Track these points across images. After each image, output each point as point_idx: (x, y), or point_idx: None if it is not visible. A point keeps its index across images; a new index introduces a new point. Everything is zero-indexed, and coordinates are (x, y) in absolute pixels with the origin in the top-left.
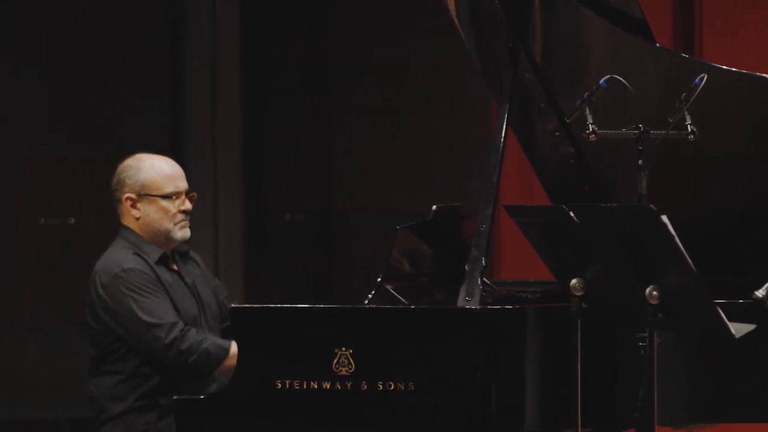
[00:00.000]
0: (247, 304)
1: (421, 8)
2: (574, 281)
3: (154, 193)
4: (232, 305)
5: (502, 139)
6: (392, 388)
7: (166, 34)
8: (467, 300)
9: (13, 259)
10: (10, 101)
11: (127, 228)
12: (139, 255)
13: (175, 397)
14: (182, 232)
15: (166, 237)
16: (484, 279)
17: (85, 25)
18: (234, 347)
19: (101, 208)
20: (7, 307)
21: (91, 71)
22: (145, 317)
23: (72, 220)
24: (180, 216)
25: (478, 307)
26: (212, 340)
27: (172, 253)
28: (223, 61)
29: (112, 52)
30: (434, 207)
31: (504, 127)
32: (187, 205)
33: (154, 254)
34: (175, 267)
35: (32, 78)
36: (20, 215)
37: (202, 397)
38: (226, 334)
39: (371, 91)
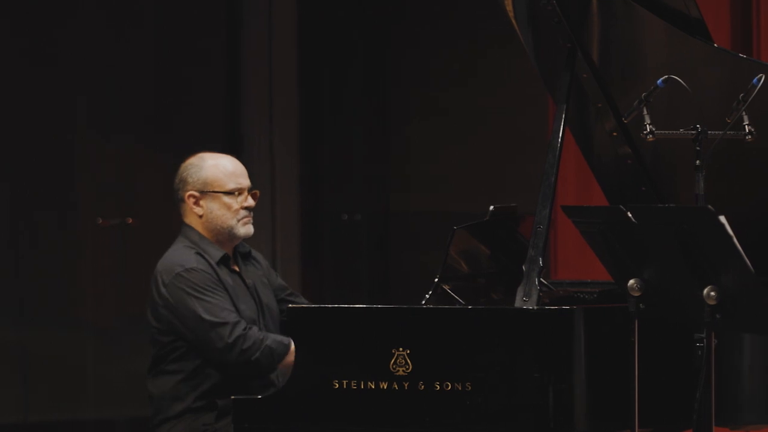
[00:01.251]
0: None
1: (481, 10)
2: (631, 282)
3: (216, 189)
4: (289, 306)
5: (560, 140)
6: (449, 388)
7: (224, 34)
8: (524, 300)
9: (73, 259)
10: (70, 102)
11: (189, 227)
12: (200, 255)
13: (232, 398)
14: (245, 229)
15: (229, 234)
16: (542, 279)
17: (144, 26)
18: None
19: (159, 208)
20: (66, 307)
21: (150, 72)
22: (207, 317)
23: (130, 220)
24: (243, 212)
25: (535, 307)
26: (273, 337)
27: (233, 254)
28: (280, 60)
29: (170, 53)
30: (491, 207)
31: (561, 127)
32: (250, 202)
33: (216, 254)
34: (236, 268)
35: (92, 79)
36: (79, 215)
37: (259, 397)
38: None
39: (429, 92)
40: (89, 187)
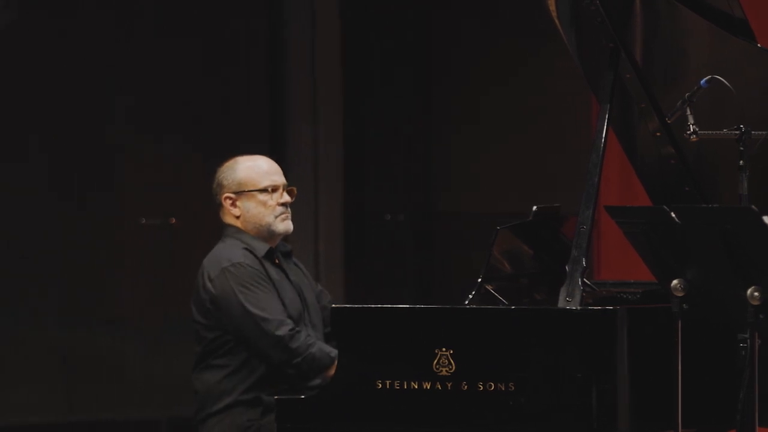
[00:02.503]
0: (347, 304)
1: (523, 10)
2: (674, 282)
3: (250, 188)
4: (333, 306)
5: (603, 140)
6: (492, 388)
7: (266, 35)
8: (568, 301)
9: (116, 258)
10: (113, 103)
11: (231, 226)
12: (248, 250)
13: (275, 398)
14: (284, 225)
15: (269, 231)
16: (585, 280)
17: (184, 27)
18: None
19: (201, 208)
20: (109, 306)
21: (192, 72)
22: (254, 311)
23: (173, 220)
24: (280, 209)
25: (578, 307)
26: (320, 345)
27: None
28: (324, 61)
29: (212, 53)
30: (534, 207)
31: (605, 127)
32: (286, 198)
33: (262, 249)
34: (280, 264)
35: (139, 81)
36: (122, 215)
37: (302, 397)
38: (329, 340)
39: (473, 92)
40: (133, 187)
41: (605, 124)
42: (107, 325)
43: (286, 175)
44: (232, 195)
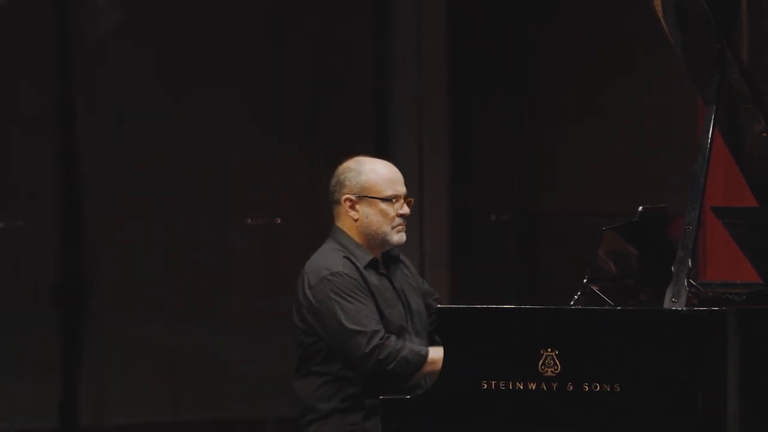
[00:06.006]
0: (452, 304)
1: (629, 10)
2: None
3: (373, 195)
4: (438, 306)
5: (709, 141)
6: (597, 389)
7: (373, 37)
8: (673, 301)
9: (223, 259)
10: (219, 103)
11: (340, 230)
12: (348, 259)
13: (381, 398)
14: (398, 236)
15: (382, 240)
16: (691, 280)
17: (291, 28)
18: (433, 353)
19: (307, 208)
20: (216, 306)
21: (298, 73)
22: (348, 323)
23: (278, 220)
24: (398, 220)
25: (684, 308)
26: (410, 347)
27: (382, 258)
28: (429, 62)
29: (318, 53)
30: (640, 208)
31: (711, 128)
32: (405, 210)
33: (364, 258)
34: (384, 272)
35: (240, 81)
36: (229, 215)
37: (408, 397)
38: (433, 339)
39: (577, 93)
40: (239, 187)
41: (711, 124)
42: (212, 325)
43: None
44: (352, 197)
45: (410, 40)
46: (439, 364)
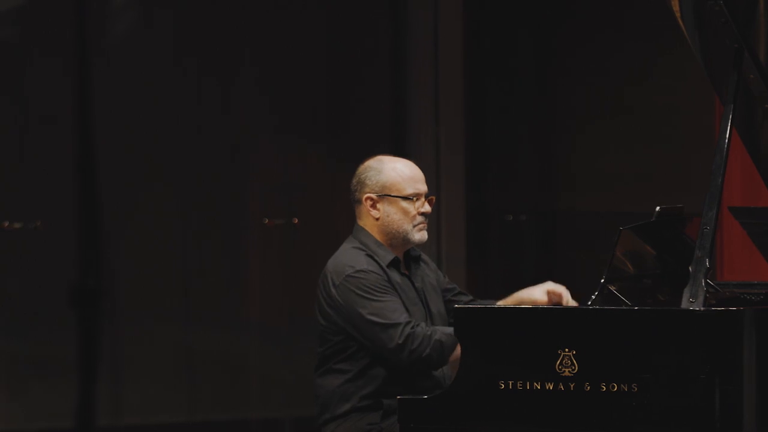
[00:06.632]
0: (470, 304)
1: (646, 10)
2: None
3: (394, 194)
4: (456, 306)
5: (727, 141)
6: (615, 389)
7: (390, 37)
8: (691, 302)
9: (242, 259)
10: (236, 103)
11: (362, 229)
12: (371, 257)
13: (398, 398)
14: (420, 235)
15: (404, 238)
16: (708, 280)
17: (308, 28)
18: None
19: (325, 208)
20: (235, 306)
21: (315, 74)
22: (376, 319)
23: (296, 220)
24: (419, 218)
25: (702, 308)
26: (441, 330)
27: (403, 258)
28: (446, 60)
29: (334, 54)
30: (657, 208)
31: (728, 128)
32: (427, 208)
33: (386, 257)
34: (406, 272)
35: (258, 83)
36: (247, 215)
37: (425, 397)
38: None
39: (594, 93)
40: (257, 188)
41: (729, 124)
42: (230, 324)
43: None
44: (373, 196)
45: (427, 40)
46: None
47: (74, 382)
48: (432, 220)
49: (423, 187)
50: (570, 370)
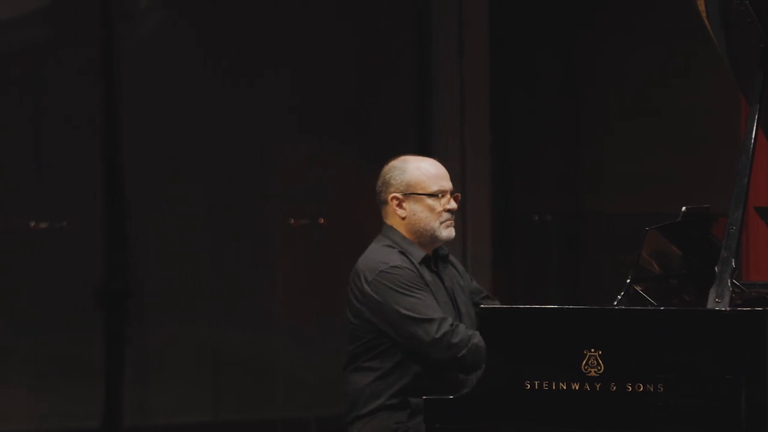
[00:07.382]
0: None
1: (672, 10)
2: None
3: (419, 191)
4: (481, 306)
5: (753, 141)
6: (641, 389)
7: (414, 39)
8: (717, 302)
9: (267, 259)
10: (262, 104)
11: (391, 227)
12: (403, 254)
13: (424, 398)
14: (447, 231)
15: (431, 236)
16: (734, 281)
17: (335, 31)
18: None
19: (351, 209)
20: (261, 307)
21: (341, 76)
22: (413, 314)
23: (322, 220)
24: (445, 215)
25: (728, 308)
26: (480, 335)
27: (433, 256)
28: (472, 63)
29: (360, 55)
30: (683, 208)
31: (754, 128)
32: (453, 205)
33: (418, 255)
34: (435, 269)
35: (285, 83)
36: (272, 215)
37: (451, 397)
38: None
39: (620, 94)
40: (283, 188)
41: (755, 125)
42: (255, 325)
43: None
44: (399, 195)
45: (452, 41)
46: None
47: (101, 383)
48: (458, 223)
49: (448, 184)
50: (596, 370)
